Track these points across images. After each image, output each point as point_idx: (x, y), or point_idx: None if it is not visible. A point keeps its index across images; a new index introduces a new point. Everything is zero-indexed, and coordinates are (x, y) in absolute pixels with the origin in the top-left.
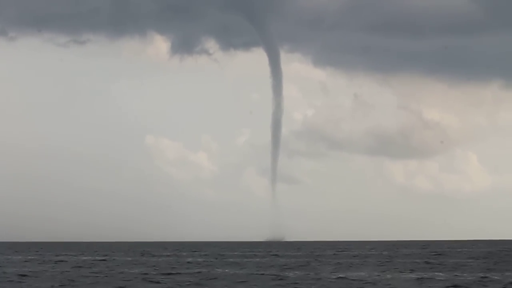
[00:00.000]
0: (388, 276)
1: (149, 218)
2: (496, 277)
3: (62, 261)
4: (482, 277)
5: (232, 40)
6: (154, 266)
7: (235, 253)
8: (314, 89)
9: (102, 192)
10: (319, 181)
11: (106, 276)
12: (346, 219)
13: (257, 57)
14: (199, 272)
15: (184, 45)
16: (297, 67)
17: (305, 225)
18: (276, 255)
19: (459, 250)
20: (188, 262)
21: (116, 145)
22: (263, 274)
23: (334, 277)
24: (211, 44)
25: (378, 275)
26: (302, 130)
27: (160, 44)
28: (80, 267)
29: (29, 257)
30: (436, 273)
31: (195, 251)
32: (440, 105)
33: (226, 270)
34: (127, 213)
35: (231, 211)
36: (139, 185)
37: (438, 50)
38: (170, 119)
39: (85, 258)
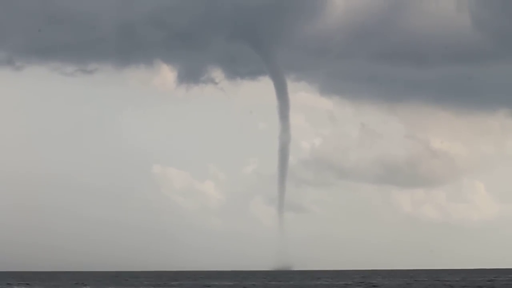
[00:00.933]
0: None
1: (156, 247)
2: None
3: None
4: None
5: (238, 69)
6: None
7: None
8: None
9: (108, 222)
10: (327, 210)
11: None
12: (353, 247)
13: (264, 86)
14: None
15: (191, 75)
16: (303, 96)
17: (313, 254)
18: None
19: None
20: None
21: (123, 175)
22: None
23: None
24: (217, 73)
25: None
26: (310, 159)
27: (166, 74)
28: None
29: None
30: None
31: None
32: (447, 134)
33: None
34: (133, 242)
35: (238, 240)
36: (146, 215)
37: (444, 78)
38: (177, 148)
39: None
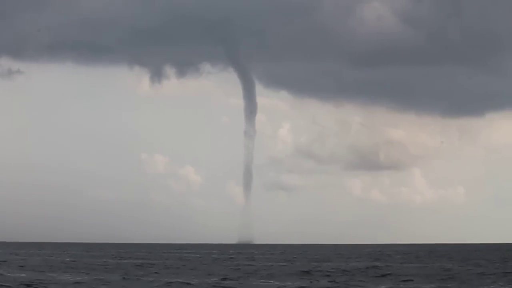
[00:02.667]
0: None
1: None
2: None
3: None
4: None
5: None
6: None
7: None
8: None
9: (103, 200)
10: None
11: None
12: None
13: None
14: None
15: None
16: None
17: (276, 230)
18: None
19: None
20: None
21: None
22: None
23: None
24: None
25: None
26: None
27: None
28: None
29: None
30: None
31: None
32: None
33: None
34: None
35: (214, 217)
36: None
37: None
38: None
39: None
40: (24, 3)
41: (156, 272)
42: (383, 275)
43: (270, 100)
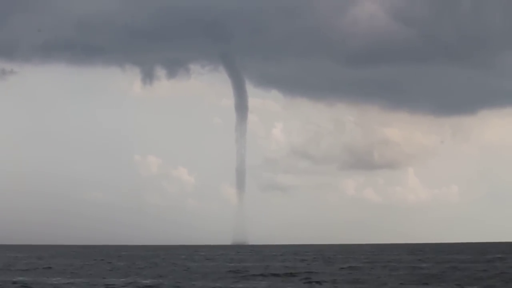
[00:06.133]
0: None
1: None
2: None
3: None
4: None
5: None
6: None
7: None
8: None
9: (99, 202)
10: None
11: None
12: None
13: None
14: None
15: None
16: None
17: (271, 230)
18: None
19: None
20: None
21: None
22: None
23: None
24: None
25: None
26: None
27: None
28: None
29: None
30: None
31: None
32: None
33: None
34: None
35: (209, 218)
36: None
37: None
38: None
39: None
40: (17, 4)
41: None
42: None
43: (261, 100)
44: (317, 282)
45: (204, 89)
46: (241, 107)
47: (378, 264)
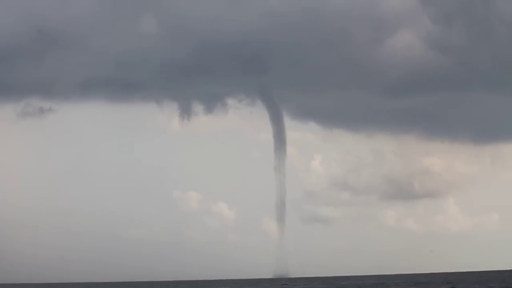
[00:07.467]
0: None
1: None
2: None
3: None
4: None
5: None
6: None
7: None
8: None
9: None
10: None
11: None
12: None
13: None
14: None
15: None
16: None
17: (313, 262)
18: None
19: None
20: None
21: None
22: None
23: None
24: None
25: None
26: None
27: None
28: None
29: None
30: None
31: None
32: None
33: None
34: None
35: (250, 252)
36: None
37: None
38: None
39: None
40: (54, 41)
41: None
42: None
43: (299, 132)
44: None
45: (242, 123)
46: (280, 140)
47: None
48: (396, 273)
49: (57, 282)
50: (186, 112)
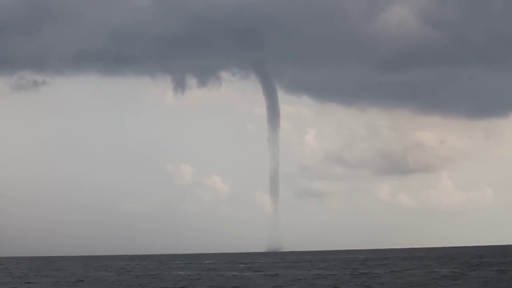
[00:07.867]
0: None
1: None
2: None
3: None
4: None
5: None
6: None
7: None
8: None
9: (131, 212)
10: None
11: None
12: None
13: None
14: None
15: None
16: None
17: (306, 236)
18: None
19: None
20: None
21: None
22: None
23: None
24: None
25: None
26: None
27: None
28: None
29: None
30: None
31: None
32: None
33: None
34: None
35: (243, 225)
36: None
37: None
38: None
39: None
40: (48, 15)
41: None
42: None
43: (293, 106)
44: None
45: (236, 96)
46: (273, 113)
47: None
48: (389, 247)
49: (51, 255)
50: (179, 85)
